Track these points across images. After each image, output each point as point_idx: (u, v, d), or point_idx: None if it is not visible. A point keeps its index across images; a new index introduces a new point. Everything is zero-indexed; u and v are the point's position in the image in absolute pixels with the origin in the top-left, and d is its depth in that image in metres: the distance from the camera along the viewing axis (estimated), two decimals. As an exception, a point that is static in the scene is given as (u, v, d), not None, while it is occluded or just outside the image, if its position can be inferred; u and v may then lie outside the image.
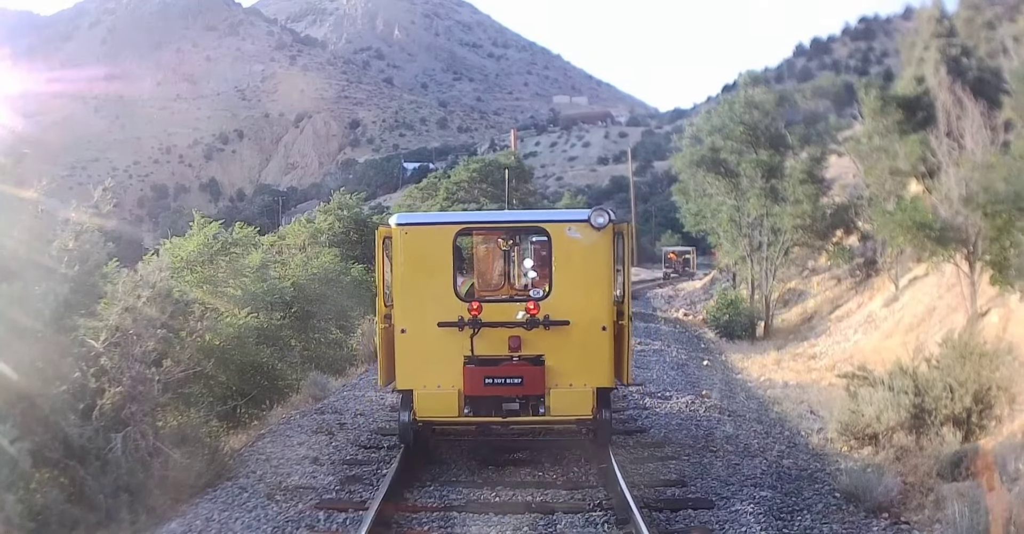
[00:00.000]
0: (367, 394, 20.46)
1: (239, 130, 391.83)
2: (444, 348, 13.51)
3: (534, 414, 13.66)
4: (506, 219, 18.32)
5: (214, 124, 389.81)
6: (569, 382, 13.53)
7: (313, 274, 27.11)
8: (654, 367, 24.47)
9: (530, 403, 13.62)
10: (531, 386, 13.41)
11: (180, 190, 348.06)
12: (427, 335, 13.59)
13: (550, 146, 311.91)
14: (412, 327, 13.72)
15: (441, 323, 13.47)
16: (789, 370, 28.05)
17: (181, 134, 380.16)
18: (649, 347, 29.11)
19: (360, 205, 40.37)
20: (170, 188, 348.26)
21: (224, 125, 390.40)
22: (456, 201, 59.03)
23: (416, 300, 13.81)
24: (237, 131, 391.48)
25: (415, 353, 13.71)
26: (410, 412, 13.70)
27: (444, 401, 13.53)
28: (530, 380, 13.40)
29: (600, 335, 13.61)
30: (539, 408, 13.52)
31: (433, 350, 13.60)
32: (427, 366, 13.64)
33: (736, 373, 27.60)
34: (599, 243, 13.65)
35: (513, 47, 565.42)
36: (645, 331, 34.39)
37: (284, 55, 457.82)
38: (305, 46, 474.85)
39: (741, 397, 22.02)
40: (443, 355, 13.52)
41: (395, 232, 13.89)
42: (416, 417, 13.72)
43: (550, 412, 13.49)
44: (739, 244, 37.57)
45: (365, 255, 38.01)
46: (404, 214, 15.65)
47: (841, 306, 36.31)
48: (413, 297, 13.85)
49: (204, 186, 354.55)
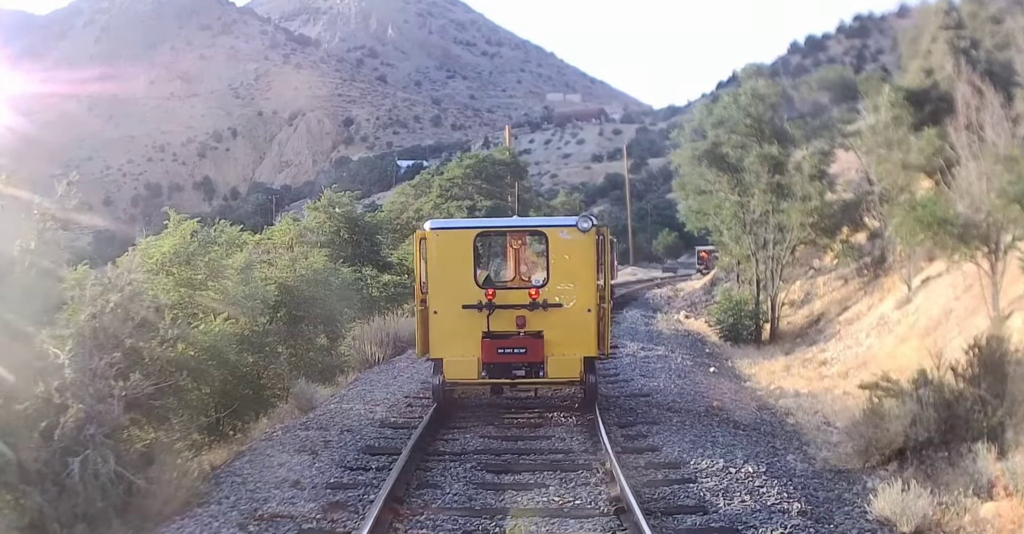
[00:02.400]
0: (355, 408, 19.23)
1: (233, 128, 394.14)
2: (467, 325, 17.25)
3: (536, 377, 17.48)
4: (513, 224, 22.36)
5: (208, 122, 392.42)
6: (563, 352, 17.20)
7: (301, 276, 25.87)
8: (659, 375, 23.14)
9: (533, 368, 17.30)
10: (533, 355, 17.13)
11: (174, 189, 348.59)
12: (454, 315, 17.33)
13: (544, 143, 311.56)
14: (442, 309, 17.50)
15: (465, 305, 17.24)
16: (799, 377, 26.73)
17: (175, 132, 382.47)
18: (652, 352, 27.79)
19: (352, 203, 38.95)
20: (164, 187, 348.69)
21: (218, 123, 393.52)
22: (450, 198, 57.55)
23: (445, 287, 17.61)
24: (231, 129, 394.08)
25: (445, 329, 17.50)
26: (440, 376, 17.56)
27: (467, 367, 17.29)
28: (532, 350, 17.12)
29: (586, 315, 17.35)
30: (539, 372, 17.28)
31: (458, 327, 17.34)
32: (454, 339, 17.39)
33: (744, 381, 26.34)
34: (585, 243, 17.43)
35: (507, 45, 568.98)
36: (647, 335, 33.43)
37: (278, 54, 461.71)
38: (299, 45, 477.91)
39: (752, 407, 20.85)
40: (466, 331, 17.25)
41: (429, 235, 17.80)
42: (445, 379, 17.58)
43: (548, 375, 17.31)
44: (743, 242, 36.13)
45: (357, 255, 36.77)
46: (436, 220, 19.72)
47: (850, 308, 34.86)
48: (443, 285, 17.65)
49: (198, 185, 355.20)
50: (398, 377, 23.78)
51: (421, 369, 23.41)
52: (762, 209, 34.53)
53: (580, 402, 18.25)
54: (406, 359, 27.20)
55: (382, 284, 38.97)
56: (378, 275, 39.03)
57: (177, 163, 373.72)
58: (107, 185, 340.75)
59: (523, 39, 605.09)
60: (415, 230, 21.43)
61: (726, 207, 36.72)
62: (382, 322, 31.38)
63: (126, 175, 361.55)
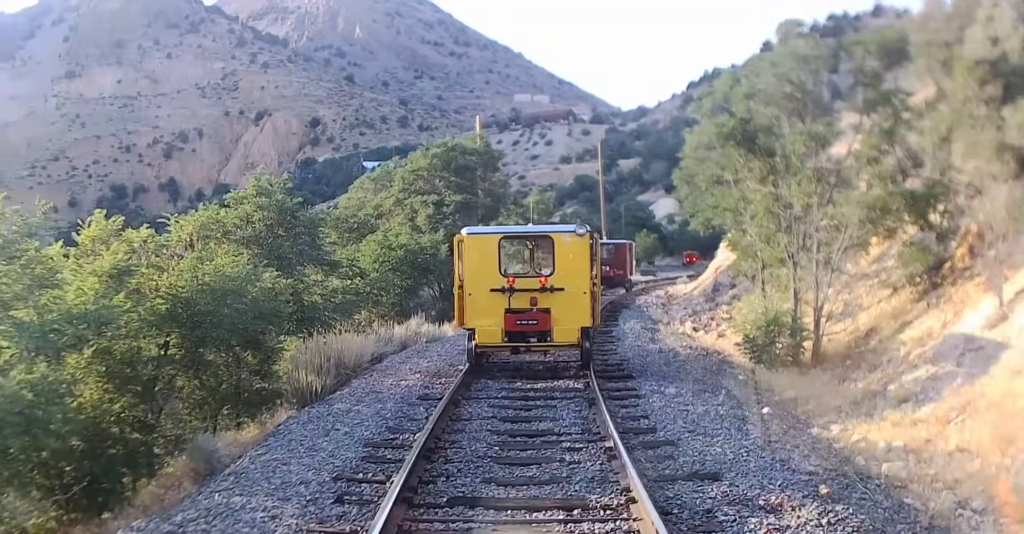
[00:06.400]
0: (279, 478, 12.69)
1: (199, 129, 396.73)
2: (493, 304, 22.75)
3: (545, 341, 22.99)
4: (528, 231, 28.27)
5: (174, 122, 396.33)
6: (565, 323, 22.76)
7: (205, 284, 18.84)
8: (693, 440, 15.57)
9: (543, 335, 22.83)
10: (543, 325, 22.72)
11: (139, 190, 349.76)
12: (484, 296, 22.82)
13: (512, 144, 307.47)
14: (475, 292, 22.95)
15: (492, 289, 22.78)
16: (881, 420, 19.53)
17: (141, 133, 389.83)
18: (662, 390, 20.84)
19: (284, 192, 31.44)
20: (129, 188, 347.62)
21: (184, 124, 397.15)
22: (414, 192, 49.94)
23: (477, 276, 23.06)
24: (197, 130, 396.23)
25: (476, 307, 22.96)
26: (473, 341, 23.29)
27: (493, 334, 22.93)
28: (542, 322, 22.70)
29: (583, 296, 22.97)
30: (548, 338, 22.84)
31: (487, 305, 22.81)
32: (483, 314, 22.89)
33: (809, 426, 19.33)
34: (581, 244, 23.07)
35: (474, 45, 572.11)
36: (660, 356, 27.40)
37: (245, 53, 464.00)
38: (266, 44, 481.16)
39: (847, 474, 14.13)
40: (493, 308, 22.76)
41: (465, 239, 23.38)
42: (477, 344, 23.23)
43: (554, 340, 22.94)
44: (777, 242, 28.77)
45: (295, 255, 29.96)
46: (471, 227, 25.59)
47: (911, 323, 27.29)
48: (475, 275, 23.09)
49: (163, 186, 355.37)
50: (335, 428, 16.73)
51: (367, 412, 17.91)
52: (805, 201, 27.25)
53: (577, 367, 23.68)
54: (351, 395, 20.49)
55: (329, 290, 32.27)
56: (323, 279, 32.45)
57: (143, 164, 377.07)
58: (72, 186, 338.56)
59: (491, 39, 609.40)
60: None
61: (757, 199, 29.35)
62: (323, 340, 24.40)
63: (92, 176, 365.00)
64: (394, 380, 23.00)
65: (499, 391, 21.06)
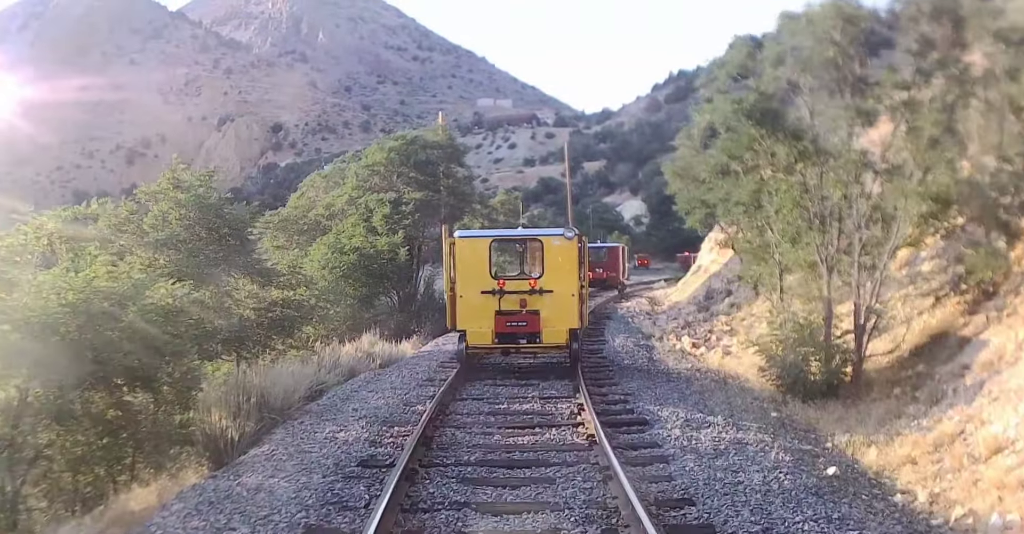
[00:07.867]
0: None
1: (161, 134, 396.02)
2: (484, 305, 23.43)
3: (534, 343, 23.62)
4: (518, 234, 29.07)
5: (137, 128, 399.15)
6: (554, 325, 23.38)
7: (68, 304, 13.67)
8: None
9: (532, 337, 23.45)
10: (532, 327, 23.35)
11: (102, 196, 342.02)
12: (475, 298, 23.51)
13: (475, 148, 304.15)
14: (467, 294, 23.67)
15: (483, 291, 23.47)
16: (976, 477, 14.21)
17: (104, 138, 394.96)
18: (695, 446, 15.64)
19: (208, 185, 26.21)
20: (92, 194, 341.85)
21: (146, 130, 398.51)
22: (368, 190, 44.68)
23: (469, 278, 23.76)
24: (159, 135, 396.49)
25: (468, 308, 23.62)
26: (464, 343, 23.69)
27: (484, 336, 23.51)
28: (532, 324, 23.34)
29: (570, 298, 23.64)
30: (537, 339, 23.44)
31: (478, 306, 23.46)
32: (474, 316, 23.53)
33: (889, 493, 14.18)
34: (569, 247, 23.89)
35: (438, 50, 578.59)
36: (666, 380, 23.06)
37: (208, 58, 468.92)
38: (229, 49, 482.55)
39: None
40: (483, 309, 23.43)
41: (457, 241, 24.42)
42: (467, 345, 23.68)
43: (543, 342, 23.53)
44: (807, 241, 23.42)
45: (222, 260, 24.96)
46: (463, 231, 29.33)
47: (968, 341, 22.14)
48: (467, 277, 23.79)
49: (125, 191, 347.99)
50: (229, 527, 11.18)
51: (283, 494, 12.44)
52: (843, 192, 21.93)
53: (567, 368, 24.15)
54: (268, 458, 15.04)
55: (266, 304, 26.67)
56: (258, 290, 26.76)
57: (105, 170, 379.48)
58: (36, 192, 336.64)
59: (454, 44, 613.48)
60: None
61: (782, 190, 23.91)
62: (247, 371, 19.23)
63: (54, 182, 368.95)
64: (332, 429, 17.15)
65: (472, 451, 15.17)
